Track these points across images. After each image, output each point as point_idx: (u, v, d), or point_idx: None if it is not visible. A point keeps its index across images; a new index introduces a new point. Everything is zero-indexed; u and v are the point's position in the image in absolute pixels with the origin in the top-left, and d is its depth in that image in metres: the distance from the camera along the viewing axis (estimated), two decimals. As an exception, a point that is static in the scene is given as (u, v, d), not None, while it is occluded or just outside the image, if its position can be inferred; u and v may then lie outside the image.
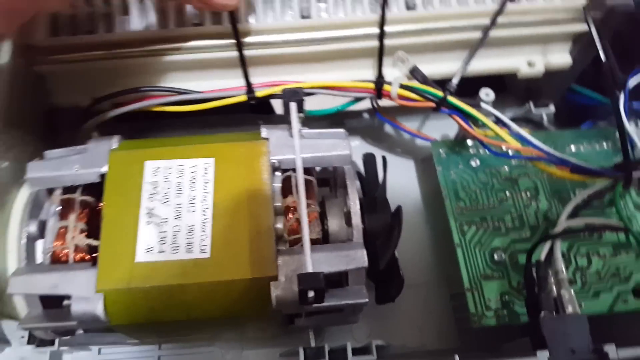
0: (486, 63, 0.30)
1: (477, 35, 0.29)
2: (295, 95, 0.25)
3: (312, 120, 0.29)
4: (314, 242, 0.24)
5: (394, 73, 0.30)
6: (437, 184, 0.32)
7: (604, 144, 0.33)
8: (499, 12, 0.28)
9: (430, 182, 0.34)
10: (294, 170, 0.25)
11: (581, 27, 0.29)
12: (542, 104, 0.35)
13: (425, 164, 0.36)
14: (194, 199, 0.24)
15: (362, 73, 0.30)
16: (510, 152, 0.30)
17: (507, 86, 0.35)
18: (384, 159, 0.28)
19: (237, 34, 0.26)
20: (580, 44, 0.30)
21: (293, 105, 0.25)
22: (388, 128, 0.37)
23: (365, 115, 0.37)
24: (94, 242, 0.24)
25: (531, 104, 0.35)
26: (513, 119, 0.35)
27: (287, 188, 0.25)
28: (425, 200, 0.36)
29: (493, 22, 0.28)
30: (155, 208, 0.24)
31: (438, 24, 0.28)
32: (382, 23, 0.27)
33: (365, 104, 0.31)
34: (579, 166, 0.28)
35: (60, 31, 0.28)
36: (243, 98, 0.28)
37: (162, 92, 0.28)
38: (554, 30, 0.29)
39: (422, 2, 0.29)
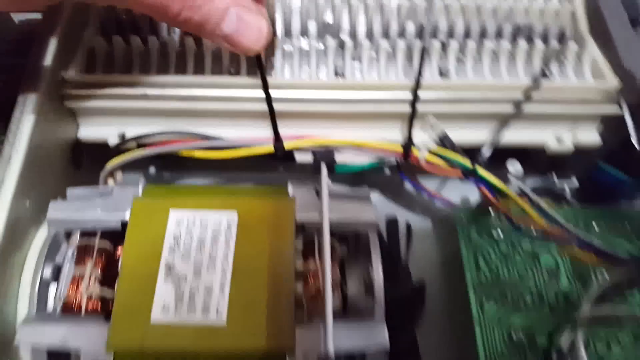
0: (515, 135, 0.30)
1: (508, 108, 0.28)
2: (327, 156, 0.25)
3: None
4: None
5: (422, 137, 0.29)
6: (457, 251, 0.31)
7: (628, 226, 0.32)
8: (533, 87, 0.28)
9: (450, 246, 0.34)
10: (318, 232, 0.25)
11: (613, 109, 0.29)
12: (565, 176, 0.35)
13: (444, 225, 0.36)
14: (215, 256, 0.23)
15: (389, 133, 0.30)
16: (534, 231, 0.29)
17: (530, 154, 0.35)
18: (408, 227, 0.27)
19: (266, 86, 0.26)
20: (611, 124, 0.30)
21: (324, 167, 0.25)
22: (409, 184, 0.37)
23: (386, 169, 0.37)
24: (108, 293, 0.23)
25: (554, 175, 0.34)
26: (533, 189, 0.35)
27: (309, 250, 0.25)
28: (442, 263, 0.35)
29: (527, 97, 0.28)
30: (175, 263, 0.23)
31: (470, 94, 0.28)
32: (416, 89, 0.27)
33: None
34: (606, 253, 0.27)
35: (96, 68, 0.29)
36: (270, 149, 0.28)
37: (191, 136, 0.28)
38: (585, 110, 0.29)
39: (456, 70, 0.29)
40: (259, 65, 0.25)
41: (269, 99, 0.25)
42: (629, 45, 0.29)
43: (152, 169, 0.33)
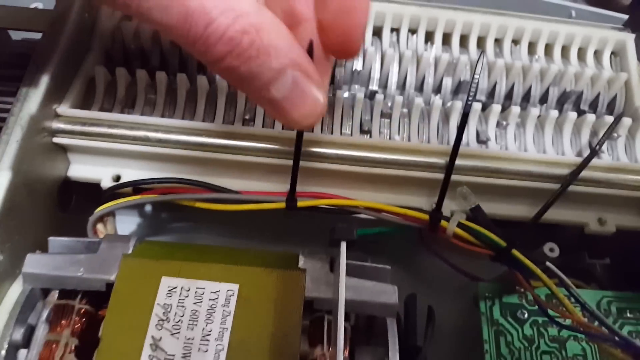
0: (554, 213, 0.27)
1: (551, 185, 0.25)
2: (347, 234, 0.22)
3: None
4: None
5: (450, 206, 0.26)
6: (477, 329, 0.28)
7: (663, 315, 0.30)
8: (583, 167, 0.25)
9: (470, 322, 0.31)
10: (327, 311, 0.22)
11: (664, 194, 0.26)
12: (597, 255, 0.32)
13: (465, 298, 0.33)
14: (208, 334, 0.20)
15: (414, 200, 0.27)
16: (564, 321, 0.27)
17: (561, 229, 0.32)
18: (430, 310, 0.24)
19: (299, 144, 0.23)
20: (658, 209, 0.27)
21: (343, 245, 0.22)
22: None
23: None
24: (83, 365, 0.20)
25: (586, 254, 0.31)
26: (562, 266, 0.32)
27: (316, 333, 0.22)
28: (460, 340, 0.32)
29: (574, 177, 0.25)
30: (162, 339, 0.20)
31: (511, 166, 0.25)
32: (453, 158, 0.23)
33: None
34: (645, 354, 0.24)
35: (94, 100, 0.26)
36: (281, 205, 0.25)
37: (195, 186, 0.25)
38: (634, 194, 0.26)
39: (496, 138, 0.26)
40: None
41: (297, 155, 0.22)
42: (686, 124, 0.26)
43: (148, 207, 0.31)
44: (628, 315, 0.29)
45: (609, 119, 0.27)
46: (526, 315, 0.29)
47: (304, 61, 0.19)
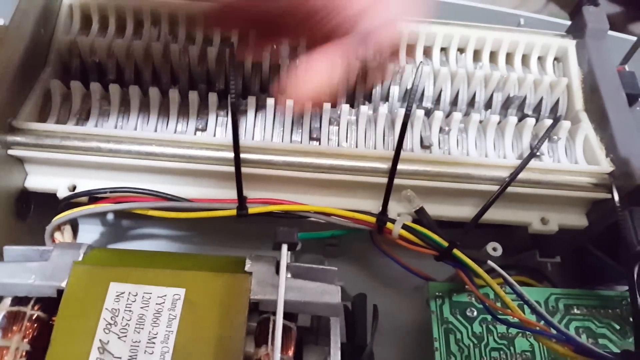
0: (497, 214, 0.28)
1: (493, 187, 0.27)
2: (289, 237, 0.23)
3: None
4: (282, 405, 0.21)
5: (397, 208, 0.28)
6: (428, 327, 0.29)
7: (610, 311, 0.31)
8: (520, 169, 0.26)
9: (423, 317, 0.32)
10: (273, 313, 0.23)
11: (602, 195, 0.27)
12: (548, 254, 0.33)
13: (417, 298, 0.34)
14: (154, 337, 0.21)
15: (363, 203, 0.28)
16: (511, 318, 0.28)
17: (513, 230, 0.33)
18: (375, 308, 0.25)
19: (237, 147, 0.24)
20: (599, 208, 0.28)
21: (284, 248, 0.23)
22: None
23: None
24: (35, 370, 0.21)
25: (537, 253, 0.33)
26: (514, 265, 0.33)
27: (262, 334, 0.23)
28: (412, 338, 0.33)
29: (512, 179, 0.26)
30: (109, 342, 0.21)
31: (453, 170, 0.26)
32: (395, 162, 0.25)
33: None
34: (585, 348, 0.25)
35: (49, 116, 0.27)
36: (232, 213, 0.26)
37: (149, 195, 0.25)
38: (575, 194, 0.27)
39: (439, 142, 0.27)
40: (233, 128, 0.23)
41: (237, 162, 0.23)
42: (625, 128, 0.28)
43: (110, 215, 0.31)
44: (575, 311, 0.30)
45: (550, 122, 0.28)
46: (475, 314, 0.30)
47: None
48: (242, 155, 0.25)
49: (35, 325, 0.22)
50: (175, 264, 0.23)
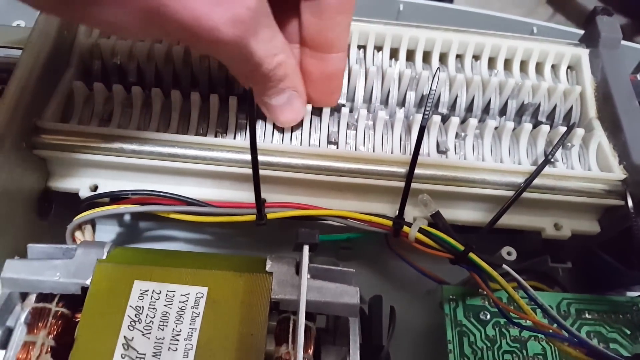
0: (511, 219, 0.28)
1: (507, 192, 0.27)
2: (310, 238, 0.23)
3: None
4: (302, 403, 0.21)
5: (413, 212, 0.28)
6: (442, 330, 0.29)
7: (620, 316, 0.31)
8: (535, 175, 0.26)
9: (435, 321, 0.32)
10: (293, 312, 0.23)
11: (615, 201, 0.28)
12: (559, 259, 0.33)
13: (431, 301, 0.34)
14: (178, 334, 0.21)
15: (378, 207, 0.28)
16: (525, 322, 0.28)
17: (525, 235, 0.34)
18: (392, 310, 0.26)
19: (255, 153, 0.24)
20: (612, 214, 0.29)
21: (306, 249, 0.23)
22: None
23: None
24: (60, 365, 0.21)
25: (548, 258, 0.33)
26: (526, 270, 0.34)
27: (282, 332, 0.23)
28: (426, 340, 0.33)
29: (527, 185, 0.26)
30: (134, 339, 0.21)
31: (469, 175, 0.27)
32: (412, 167, 0.25)
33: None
34: (596, 351, 0.26)
35: (73, 114, 0.27)
36: (252, 218, 0.26)
37: (170, 198, 0.26)
38: (587, 200, 0.27)
39: (455, 148, 0.28)
40: (251, 132, 0.24)
41: (255, 168, 0.23)
42: (637, 134, 0.28)
43: (127, 216, 0.32)
44: (587, 316, 0.31)
45: (564, 129, 0.29)
46: (488, 317, 0.30)
47: (300, 85, 0.27)
48: (260, 158, 0.26)
49: (60, 321, 0.22)
50: (197, 263, 0.24)
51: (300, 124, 0.28)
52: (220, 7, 0.20)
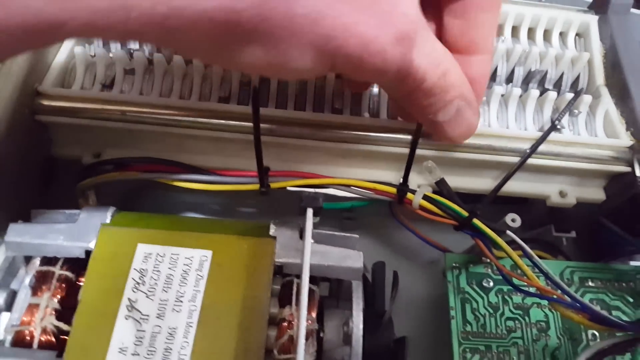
0: (516, 186, 0.28)
1: (513, 158, 0.27)
2: (314, 201, 0.23)
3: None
4: (306, 364, 0.22)
5: (417, 180, 0.28)
6: (444, 297, 0.30)
7: (624, 284, 0.31)
8: (541, 140, 0.26)
9: (439, 290, 0.32)
10: (297, 276, 0.23)
11: (622, 168, 0.27)
12: (563, 228, 0.33)
13: (434, 269, 0.34)
14: (182, 296, 0.22)
15: (383, 174, 0.28)
16: (528, 288, 0.28)
17: (529, 203, 0.34)
18: (395, 275, 0.26)
19: (257, 119, 0.24)
20: (618, 182, 0.28)
21: (310, 212, 0.23)
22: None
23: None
24: (64, 326, 0.21)
25: (552, 227, 0.33)
26: (530, 239, 0.33)
27: (286, 296, 0.23)
28: (429, 308, 0.33)
29: (533, 150, 0.26)
30: (138, 301, 0.21)
31: (474, 140, 0.26)
32: (417, 133, 0.25)
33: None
34: (599, 316, 0.26)
35: (73, 81, 0.27)
36: (256, 187, 0.26)
37: (173, 166, 0.26)
38: (594, 167, 0.27)
39: (461, 113, 0.28)
40: (254, 103, 0.23)
41: (257, 137, 0.23)
42: (646, 101, 0.28)
43: (129, 184, 0.32)
44: (590, 284, 0.31)
45: (571, 96, 0.28)
46: (491, 284, 0.30)
47: (469, 93, 0.23)
48: (265, 125, 0.26)
49: (64, 285, 0.22)
50: (201, 228, 0.24)
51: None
52: (386, 26, 0.18)
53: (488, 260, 0.30)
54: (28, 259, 0.23)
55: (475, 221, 0.26)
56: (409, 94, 0.22)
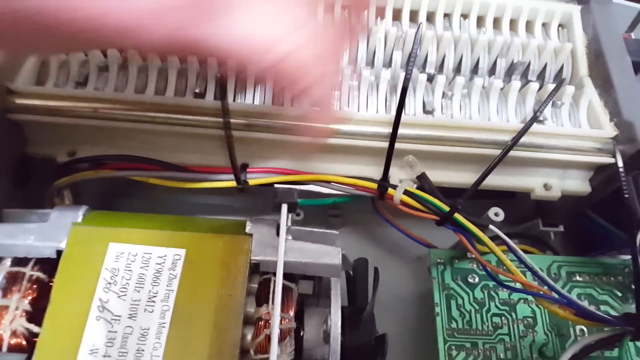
0: (499, 179, 0.28)
1: (495, 151, 0.26)
2: (288, 196, 0.23)
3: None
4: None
5: (399, 174, 0.27)
6: (430, 296, 0.29)
7: (612, 278, 0.31)
8: (523, 132, 0.26)
9: (425, 287, 0.32)
10: (274, 274, 0.23)
11: (606, 159, 0.27)
12: (551, 223, 0.32)
13: (419, 265, 0.34)
14: (154, 296, 0.21)
15: (365, 170, 0.28)
16: (514, 283, 0.27)
17: (516, 195, 0.33)
18: (376, 271, 0.25)
19: (227, 114, 0.24)
20: (602, 173, 0.28)
21: (284, 208, 0.23)
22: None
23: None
24: (36, 329, 0.21)
25: (539, 221, 0.32)
26: (518, 234, 0.33)
27: (263, 294, 0.23)
28: (414, 305, 0.33)
29: (515, 142, 0.26)
30: (109, 301, 0.21)
31: (455, 134, 0.26)
32: (396, 126, 0.24)
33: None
34: (586, 311, 0.25)
35: (46, 79, 0.26)
36: (233, 184, 0.26)
37: (149, 163, 0.25)
38: (578, 158, 0.27)
39: (442, 107, 0.27)
40: (221, 94, 0.23)
41: (228, 132, 0.23)
42: (629, 92, 0.27)
43: (106, 183, 0.31)
44: (577, 278, 0.30)
45: (553, 87, 0.28)
46: (477, 280, 0.29)
47: None
48: (241, 120, 0.25)
49: (35, 285, 0.22)
50: (175, 226, 0.23)
51: None
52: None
53: (473, 256, 0.30)
54: (-2, 260, 0.23)
55: (457, 216, 0.26)
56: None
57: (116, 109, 0.25)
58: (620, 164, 0.26)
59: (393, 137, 0.25)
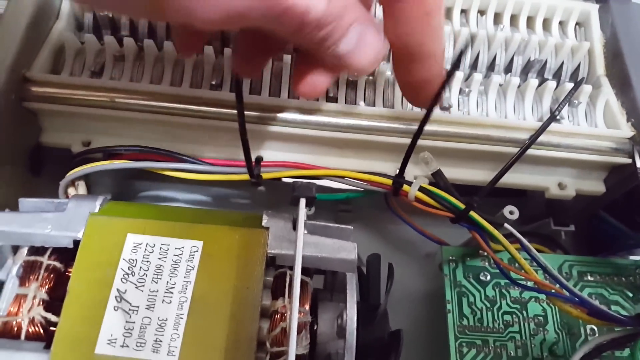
0: (515, 177, 0.28)
1: (511, 149, 0.26)
2: (307, 191, 0.23)
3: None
4: (298, 357, 0.21)
5: (414, 171, 0.27)
6: (442, 291, 0.29)
7: (623, 279, 0.31)
8: (541, 131, 0.25)
9: (435, 284, 0.32)
10: (290, 267, 0.23)
11: (622, 159, 0.27)
12: (563, 222, 0.32)
13: (431, 262, 0.34)
14: (172, 287, 0.21)
15: (378, 165, 0.28)
16: (526, 282, 0.27)
17: (527, 194, 0.33)
18: (390, 267, 0.25)
19: (241, 105, 0.23)
20: (618, 174, 0.28)
21: (302, 202, 0.23)
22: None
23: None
24: (53, 318, 0.21)
25: (551, 221, 0.32)
26: (529, 233, 0.33)
27: (279, 287, 0.23)
28: (426, 302, 0.33)
29: (533, 141, 0.25)
30: (127, 292, 0.21)
31: (472, 130, 0.26)
32: (422, 124, 0.24)
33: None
34: (598, 310, 0.25)
35: (64, 67, 0.26)
36: (246, 177, 0.26)
37: (164, 155, 0.25)
38: (593, 158, 0.27)
39: (459, 104, 0.27)
40: (237, 88, 0.22)
41: (242, 123, 0.22)
42: (647, 91, 0.27)
43: (121, 173, 0.31)
44: (589, 278, 0.30)
45: (570, 86, 0.28)
46: (489, 278, 0.29)
47: (363, 13, 0.20)
48: (257, 114, 0.25)
49: (52, 275, 0.22)
50: (192, 218, 0.23)
51: None
52: None
53: (485, 254, 0.30)
54: (16, 248, 0.23)
55: (472, 214, 0.26)
56: (297, 33, 0.19)
57: (132, 99, 0.25)
58: (638, 164, 0.26)
59: (417, 134, 0.25)
